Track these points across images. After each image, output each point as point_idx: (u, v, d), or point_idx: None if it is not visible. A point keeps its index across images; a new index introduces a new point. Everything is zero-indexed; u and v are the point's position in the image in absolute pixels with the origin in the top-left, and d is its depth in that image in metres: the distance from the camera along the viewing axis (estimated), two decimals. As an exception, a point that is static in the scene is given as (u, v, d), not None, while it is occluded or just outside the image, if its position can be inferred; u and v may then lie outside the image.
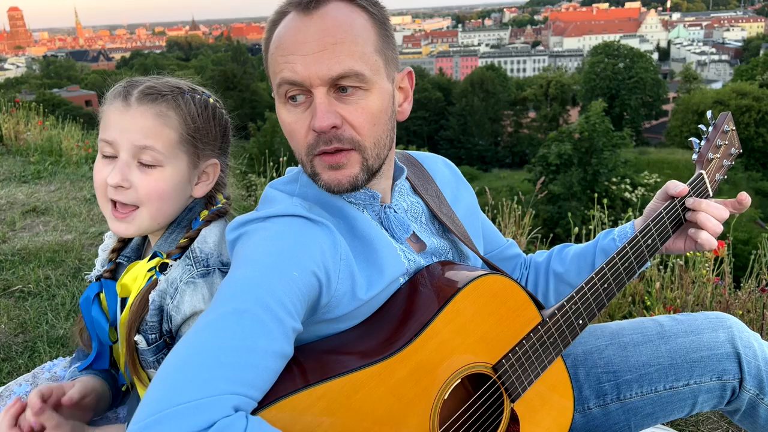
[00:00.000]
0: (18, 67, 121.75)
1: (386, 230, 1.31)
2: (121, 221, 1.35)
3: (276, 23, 1.22)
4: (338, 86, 1.16)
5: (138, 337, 1.31)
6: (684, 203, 1.50)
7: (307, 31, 1.15)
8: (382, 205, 1.32)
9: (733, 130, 1.65)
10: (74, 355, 1.56)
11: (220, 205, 1.47)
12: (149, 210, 1.35)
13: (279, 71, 1.17)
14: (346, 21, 1.17)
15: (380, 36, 1.21)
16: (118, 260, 1.49)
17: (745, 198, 1.49)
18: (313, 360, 1.12)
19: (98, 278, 1.45)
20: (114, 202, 1.35)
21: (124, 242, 1.52)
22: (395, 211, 1.33)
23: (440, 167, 1.56)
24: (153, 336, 1.32)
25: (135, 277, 1.36)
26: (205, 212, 1.44)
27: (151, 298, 1.30)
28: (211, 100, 1.45)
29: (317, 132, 1.16)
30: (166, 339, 1.33)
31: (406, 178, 1.41)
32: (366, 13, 1.20)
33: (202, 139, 1.40)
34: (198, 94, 1.42)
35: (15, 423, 1.28)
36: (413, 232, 1.35)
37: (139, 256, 1.51)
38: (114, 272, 1.46)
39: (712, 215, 1.46)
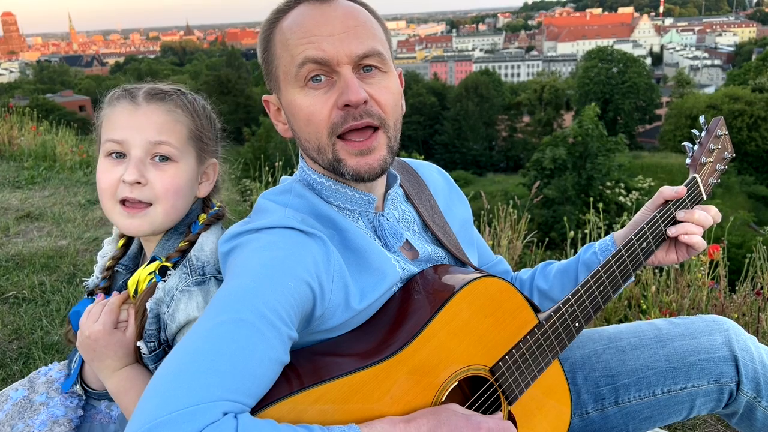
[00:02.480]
0: (11, 72, 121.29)
1: (379, 239, 1.31)
2: (134, 216, 1.35)
3: (278, 20, 1.24)
4: (362, 66, 1.19)
5: (140, 343, 1.31)
6: (677, 206, 1.51)
7: (329, 15, 1.19)
8: (375, 213, 1.32)
9: (725, 134, 1.67)
10: (68, 357, 1.56)
11: (217, 208, 1.47)
12: (164, 206, 1.36)
13: (301, 52, 1.18)
14: (361, 10, 1.23)
15: (384, 31, 1.27)
16: (116, 268, 1.49)
17: (715, 213, 1.51)
18: (310, 362, 1.12)
19: (90, 293, 1.45)
20: (122, 202, 1.35)
21: (121, 253, 1.52)
22: (388, 220, 1.33)
23: (434, 175, 1.57)
24: (152, 344, 1.31)
25: (135, 281, 1.36)
26: (204, 216, 1.45)
27: (148, 306, 1.30)
28: (205, 103, 1.48)
29: (350, 106, 1.17)
30: (165, 348, 1.33)
31: (400, 185, 1.42)
32: (369, 11, 1.26)
33: (205, 137, 1.43)
34: (195, 96, 1.46)
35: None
36: (406, 240, 1.35)
37: (136, 264, 1.51)
38: (108, 289, 1.46)
39: (701, 224, 1.49)
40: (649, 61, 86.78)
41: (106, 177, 1.35)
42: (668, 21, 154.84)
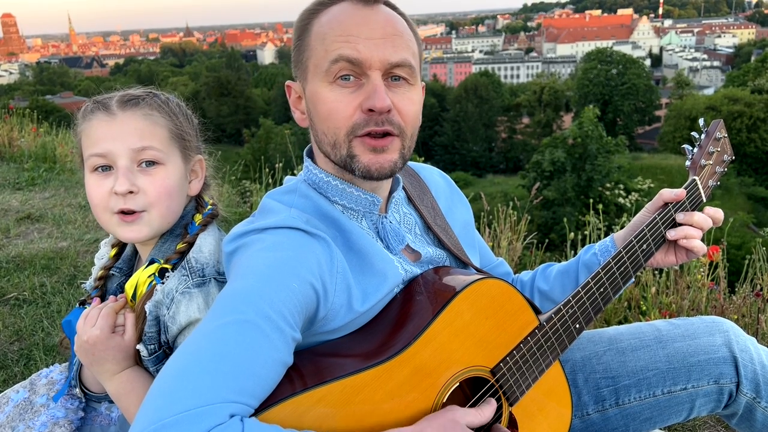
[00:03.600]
0: (11, 73, 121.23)
1: (381, 240, 1.32)
2: (132, 224, 1.35)
3: (317, 12, 1.26)
4: (391, 75, 1.21)
5: (140, 346, 1.31)
6: (677, 208, 1.51)
7: (370, 18, 1.21)
8: (378, 215, 1.33)
9: (725, 137, 1.67)
10: (69, 359, 1.56)
11: (210, 207, 1.48)
12: (159, 210, 1.36)
13: (336, 48, 1.19)
14: (401, 21, 1.25)
15: (418, 45, 1.29)
16: (111, 272, 1.50)
17: (717, 213, 1.51)
18: (312, 363, 1.12)
19: (82, 303, 1.45)
20: (119, 211, 1.35)
21: (113, 262, 1.53)
22: (390, 222, 1.34)
23: (436, 178, 1.58)
24: (152, 347, 1.32)
25: (133, 284, 1.36)
26: (199, 216, 1.45)
27: (147, 309, 1.31)
28: (178, 101, 1.49)
29: (374, 111, 1.18)
30: (165, 350, 1.33)
31: (403, 187, 1.42)
32: (408, 24, 1.28)
33: (186, 134, 1.43)
34: (168, 96, 1.46)
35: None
36: (407, 243, 1.35)
37: (131, 267, 1.52)
38: (102, 297, 1.46)
39: (701, 227, 1.49)
40: (648, 62, 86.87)
41: (96, 192, 1.35)
42: (667, 22, 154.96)
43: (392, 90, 1.22)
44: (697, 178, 1.58)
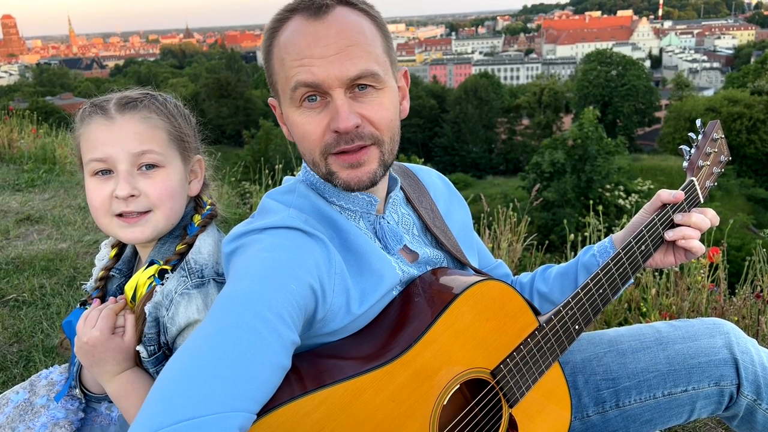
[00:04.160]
0: (11, 75, 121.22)
1: (379, 240, 1.32)
2: (135, 225, 1.35)
3: (276, 30, 1.23)
4: (354, 86, 1.18)
5: (140, 347, 1.31)
6: (675, 209, 1.51)
7: (320, 34, 1.17)
8: (376, 216, 1.33)
9: (722, 138, 1.68)
10: (69, 360, 1.56)
11: (209, 207, 1.48)
12: (163, 211, 1.36)
13: (293, 75, 1.17)
14: (357, 24, 1.20)
15: (384, 38, 1.25)
16: (111, 273, 1.49)
17: (713, 216, 1.52)
18: (312, 366, 1.12)
19: (83, 304, 1.45)
20: (118, 214, 1.35)
21: (113, 262, 1.53)
22: (388, 222, 1.34)
23: (434, 180, 1.58)
24: (152, 348, 1.32)
25: (133, 285, 1.36)
26: (198, 216, 1.45)
27: (147, 310, 1.31)
28: (176, 101, 1.48)
29: (340, 132, 1.17)
30: (165, 351, 1.33)
31: (401, 188, 1.42)
32: (368, 17, 1.23)
33: (185, 135, 1.43)
34: (166, 97, 1.45)
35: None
36: (405, 243, 1.35)
37: (131, 268, 1.51)
38: (102, 297, 1.46)
39: (699, 228, 1.49)
40: (648, 63, 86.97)
41: (96, 195, 1.35)
42: (667, 24, 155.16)
43: (359, 100, 1.19)
44: (694, 179, 1.58)
